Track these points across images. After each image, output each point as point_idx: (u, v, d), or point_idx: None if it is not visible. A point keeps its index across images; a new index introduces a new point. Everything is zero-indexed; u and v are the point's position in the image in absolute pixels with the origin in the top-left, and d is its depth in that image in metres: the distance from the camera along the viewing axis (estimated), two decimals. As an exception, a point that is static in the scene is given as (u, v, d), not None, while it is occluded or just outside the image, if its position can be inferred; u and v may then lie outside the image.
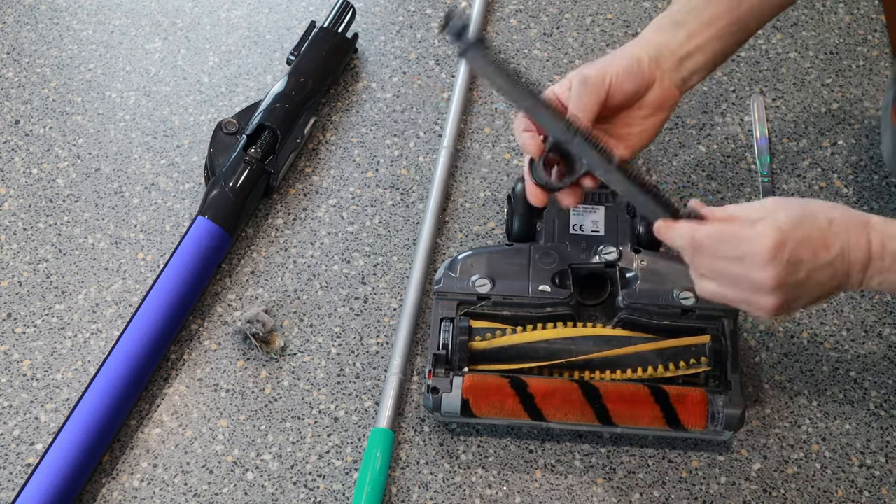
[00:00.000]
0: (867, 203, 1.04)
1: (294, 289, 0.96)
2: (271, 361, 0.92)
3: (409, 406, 0.89)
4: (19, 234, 0.99)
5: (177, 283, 0.91)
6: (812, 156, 1.08)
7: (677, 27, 0.84)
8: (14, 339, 0.93)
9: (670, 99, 0.84)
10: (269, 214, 1.02)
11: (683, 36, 0.84)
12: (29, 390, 0.90)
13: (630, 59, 0.82)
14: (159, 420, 0.88)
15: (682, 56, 0.84)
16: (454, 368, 0.85)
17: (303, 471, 0.86)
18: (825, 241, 0.72)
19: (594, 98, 0.81)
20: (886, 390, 0.92)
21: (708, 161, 1.06)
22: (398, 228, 1.01)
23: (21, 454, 0.86)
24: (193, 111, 1.09)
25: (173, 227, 1.00)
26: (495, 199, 1.03)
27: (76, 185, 1.03)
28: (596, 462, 0.87)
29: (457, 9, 0.97)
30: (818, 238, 0.72)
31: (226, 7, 1.18)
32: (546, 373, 0.86)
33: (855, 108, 1.11)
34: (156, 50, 1.14)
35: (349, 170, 1.05)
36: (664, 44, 0.84)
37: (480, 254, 0.91)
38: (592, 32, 1.17)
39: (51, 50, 1.14)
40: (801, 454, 0.88)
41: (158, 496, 0.84)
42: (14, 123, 1.07)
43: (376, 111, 1.10)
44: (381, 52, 1.15)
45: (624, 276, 0.90)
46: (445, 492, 0.85)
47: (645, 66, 0.82)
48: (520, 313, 0.88)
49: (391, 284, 0.97)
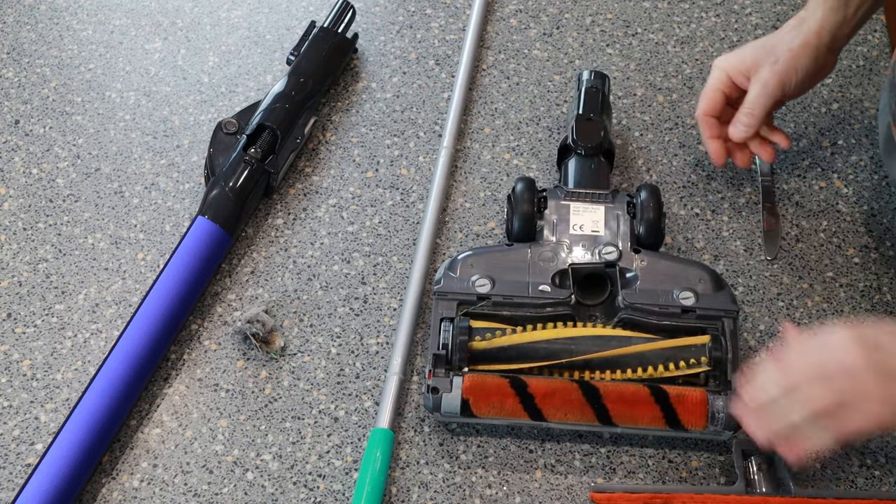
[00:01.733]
0: (867, 203, 1.04)
1: (294, 289, 0.96)
2: (271, 361, 0.92)
3: (409, 406, 0.89)
4: (19, 234, 0.99)
5: (177, 283, 0.91)
6: (812, 156, 1.08)
7: (847, 3, 0.89)
8: (14, 339, 0.93)
9: (831, 66, 0.94)
10: (269, 214, 1.02)
11: (852, 11, 0.89)
12: (29, 390, 0.90)
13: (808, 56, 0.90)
14: (159, 420, 0.88)
15: (847, 32, 0.91)
16: (454, 368, 0.85)
17: (303, 471, 0.86)
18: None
19: (771, 102, 0.92)
20: (886, 390, 0.92)
21: (708, 161, 1.06)
22: (398, 228, 1.01)
23: (21, 454, 0.86)
24: (193, 111, 1.09)
25: (173, 227, 1.00)
26: (495, 199, 1.03)
27: (76, 185, 1.03)
28: (596, 462, 0.87)
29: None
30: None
31: (226, 7, 1.18)
32: (546, 373, 0.86)
33: (855, 108, 1.11)
34: (156, 50, 1.14)
35: (349, 170, 1.05)
36: (836, 26, 0.90)
37: (480, 254, 0.91)
38: (592, 32, 1.17)
39: (51, 50, 1.14)
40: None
41: (158, 496, 0.84)
42: (14, 123, 1.07)
43: (376, 111, 1.10)
44: (381, 52, 1.15)
45: (624, 276, 0.90)
46: (445, 492, 0.85)
47: (822, 57, 0.90)
48: (520, 313, 0.88)
49: (391, 284, 0.97)
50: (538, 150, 1.07)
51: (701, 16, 1.20)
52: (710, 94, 0.96)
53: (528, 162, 1.06)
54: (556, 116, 1.10)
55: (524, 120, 1.09)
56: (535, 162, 1.06)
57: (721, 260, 0.99)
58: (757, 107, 0.94)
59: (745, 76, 0.94)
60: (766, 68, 0.92)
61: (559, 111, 1.10)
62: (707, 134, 0.97)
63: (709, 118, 0.97)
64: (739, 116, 0.95)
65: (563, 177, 0.99)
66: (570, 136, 0.99)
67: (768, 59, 0.93)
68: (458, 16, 1.18)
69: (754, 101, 0.93)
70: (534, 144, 1.07)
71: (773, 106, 0.94)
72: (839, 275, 0.99)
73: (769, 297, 0.97)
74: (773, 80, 0.92)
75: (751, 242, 1.01)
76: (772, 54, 0.92)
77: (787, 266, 0.99)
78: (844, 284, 0.98)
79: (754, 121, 0.94)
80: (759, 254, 1.00)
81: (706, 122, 0.97)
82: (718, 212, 1.03)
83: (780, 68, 0.92)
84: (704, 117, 0.97)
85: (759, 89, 0.93)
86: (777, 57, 0.92)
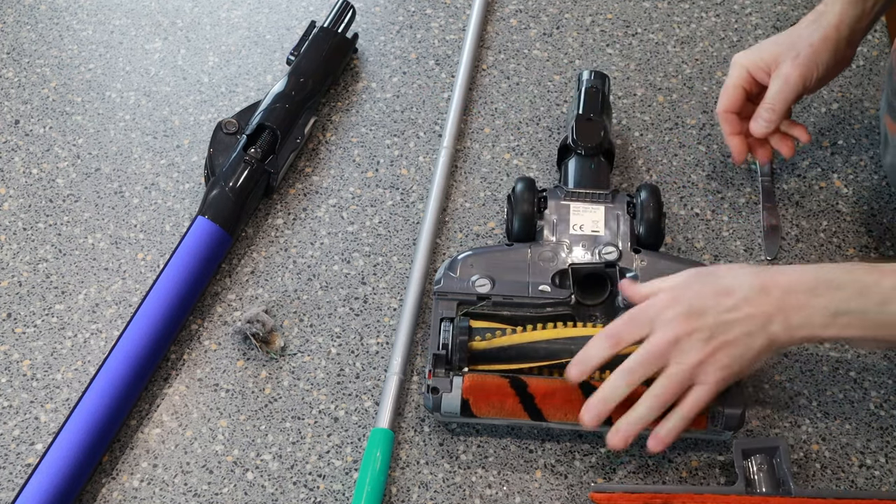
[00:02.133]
0: (867, 203, 1.04)
1: (294, 289, 0.96)
2: (271, 361, 0.92)
3: (409, 406, 0.89)
4: (19, 234, 0.99)
5: (177, 283, 0.91)
6: (812, 156, 1.08)
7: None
8: (14, 339, 0.93)
9: (849, 60, 0.94)
10: (269, 214, 1.02)
11: (870, 5, 0.90)
12: (29, 390, 0.90)
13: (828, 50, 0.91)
14: (159, 420, 0.88)
15: (865, 26, 0.91)
16: (454, 368, 0.85)
17: (303, 471, 0.86)
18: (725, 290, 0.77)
19: (792, 97, 0.92)
20: (886, 390, 0.92)
21: (708, 161, 1.06)
22: (398, 228, 1.01)
23: (21, 454, 0.86)
24: (193, 111, 1.09)
25: (173, 227, 1.00)
26: (495, 199, 1.03)
27: (76, 185, 1.03)
28: (596, 462, 0.87)
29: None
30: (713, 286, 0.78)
31: (226, 7, 1.18)
32: (546, 373, 0.86)
33: (855, 108, 1.11)
34: (156, 50, 1.14)
35: (349, 170, 1.05)
36: (855, 19, 0.90)
37: (480, 254, 0.91)
38: (592, 32, 1.17)
39: (51, 50, 1.14)
40: (801, 454, 0.88)
41: (158, 496, 0.84)
42: (14, 123, 1.07)
43: (376, 111, 1.10)
44: (381, 52, 1.15)
45: (624, 276, 0.90)
46: (445, 492, 0.85)
47: (841, 51, 0.91)
48: (520, 313, 0.88)
49: (391, 284, 0.97)
50: (538, 150, 1.07)
51: (701, 16, 1.20)
52: (731, 90, 0.96)
53: (528, 162, 1.06)
54: (556, 116, 1.10)
55: (524, 120, 1.09)
56: (535, 162, 1.06)
57: (721, 260, 0.99)
58: (778, 101, 0.93)
59: (765, 72, 0.94)
60: (787, 63, 0.92)
61: (559, 111, 1.10)
62: (728, 130, 0.97)
63: (729, 115, 0.96)
64: (761, 112, 0.95)
65: (563, 177, 0.99)
66: (570, 136, 0.99)
67: (789, 53, 0.92)
68: (458, 16, 1.18)
69: (776, 97, 0.93)
70: (534, 144, 1.07)
71: (793, 100, 0.94)
72: (839, 275, 0.99)
73: (769, 297, 0.97)
74: (795, 75, 0.92)
75: (751, 242, 1.01)
76: (792, 49, 0.92)
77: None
78: (844, 284, 0.98)
79: (776, 116, 0.94)
80: (759, 254, 1.00)
81: (727, 119, 0.97)
82: (718, 212, 1.03)
83: (802, 62, 0.92)
84: (725, 114, 0.97)
85: (780, 84, 0.93)
86: (798, 52, 0.92)
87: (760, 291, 0.76)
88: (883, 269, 0.76)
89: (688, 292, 0.78)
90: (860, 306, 0.74)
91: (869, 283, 0.75)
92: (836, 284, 0.75)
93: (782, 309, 0.75)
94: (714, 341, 0.76)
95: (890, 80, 0.95)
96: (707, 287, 0.78)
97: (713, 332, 0.76)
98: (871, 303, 0.74)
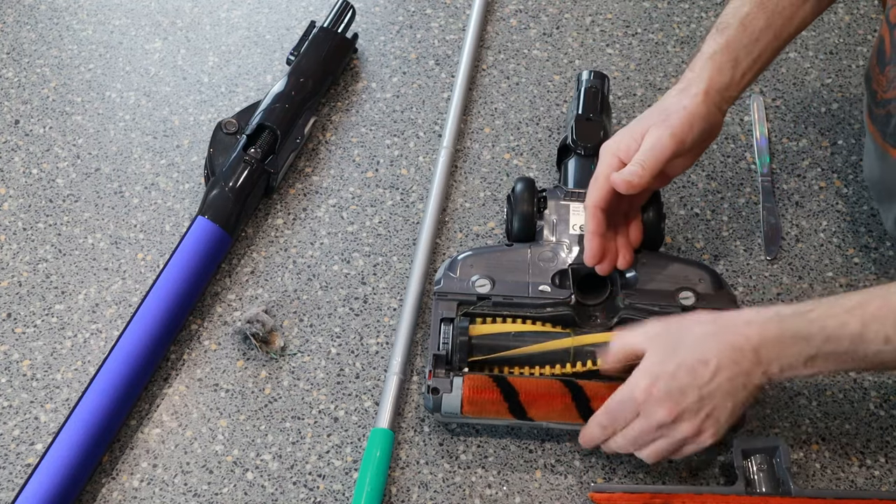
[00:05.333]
0: (867, 203, 1.04)
1: (294, 289, 0.96)
2: (271, 361, 0.92)
3: (409, 406, 0.89)
4: (19, 234, 0.99)
5: (177, 283, 0.91)
6: (812, 156, 1.08)
7: (735, 66, 0.88)
8: (14, 339, 0.93)
9: (719, 126, 0.89)
10: (269, 214, 1.02)
11: (739, 74, 0.88)
12: (29, 390, 0.90)
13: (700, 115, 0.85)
14: (159, 420, 0.88)
15: (736, 94, 0.89)
16: (454, 369, 0.85)
17: (303, 471, 0.86)
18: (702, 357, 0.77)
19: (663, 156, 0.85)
20: (886, 390, 0.92)
21: (708, 161, 1.06)
22: (398, 228, 1.01)
23: (21, 454, 0.86)
24: (193, 111, 1.09)
25: (173, 227, 1.00)
26: (495, 199, 1.03)
27: (76, 185, 1.03)
28: (596, 462, 0.87)
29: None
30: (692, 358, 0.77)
31: (226, 7, 1.18)
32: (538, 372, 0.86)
33: (855, 108, 1.11)
34: (156, 50, 1.14)
35: (349, 170, 1.05)
36: (725, 87, 0.87)
37: (480, 254, 0.91)
38: (592, 32, 1.17)
39: (51, 50, 1.14)
40: (801, 454, 0.88)
41: (158, 496, 0.84)
42: (14, 123, 1.07)
43: (376, 111, 1.10)
44: (381, 52, 1.15)
45: (624, 276, 0.90)
46: (445, 492, 0.85)
47: (712, 116, 0.87)
48: (520, 313, 0.88)
49: (391, 284, 0.97)
50: (538, 150, 1.07)
51: (701, 16, 1.20)
52: (601, 181, 0.86)
53: (528, 162, 1.06)
54: (556, 116, 1.10)
55: (524, 120, 1.09)
56: (535, 162, 1.06)
57: (721, 260, 0.99)
58: (648, 158, 0.84)
59: (635, 147, 0.86)
60: (656, 126, 0.85)
61: (559, 111, 1.10)
62: (591, 227, 0.87)
63: (597, 210, 0.86)
64: (627, 166, 0.85)
65: (562, 177, 0.99)
66: (569, 136, 0.99)
67: (659, 117, 0.86)
68: (458, 16, 1.18)
69: (646, 153, 0.84)
70: (534, 144, 1.07)
71: (665, 160, 0.85)
72: (839, 275, 0.99)
73: (769, 296, 0.97)
74: (666, 135, 0.84)
75: (751, 242, 1.01)
76: (662, 114, 0.86)
77: (786, 266, 0.99)
78: (844, 284, 0.98)
79: (643, 171, 0.84)
80: (759, 254, 1.00)
81: (594, 215, 0.87)
82: (718, 212, 1.03)
83: (674, 123, 0.85)
84: (594, 209, 0.87)
85: (651, 142, 0.85)
86: (668, 115, 0.85)
87: (732, 352, 0.76)
88: (844, 305, 0.75)
89: (663, 371, 0.77)
90: (832, 349, 0.75)
91: (834, 329, 0.74)
92: (802, 336, 0.75)
93: (759, 363, 0.76)
94: (701, 413, 0.77)
95: (868, 87, 0.95)
96: (679, 358, 0.77)
97: (700, 406, 0.77)
98: (841, 347, 0.74)
